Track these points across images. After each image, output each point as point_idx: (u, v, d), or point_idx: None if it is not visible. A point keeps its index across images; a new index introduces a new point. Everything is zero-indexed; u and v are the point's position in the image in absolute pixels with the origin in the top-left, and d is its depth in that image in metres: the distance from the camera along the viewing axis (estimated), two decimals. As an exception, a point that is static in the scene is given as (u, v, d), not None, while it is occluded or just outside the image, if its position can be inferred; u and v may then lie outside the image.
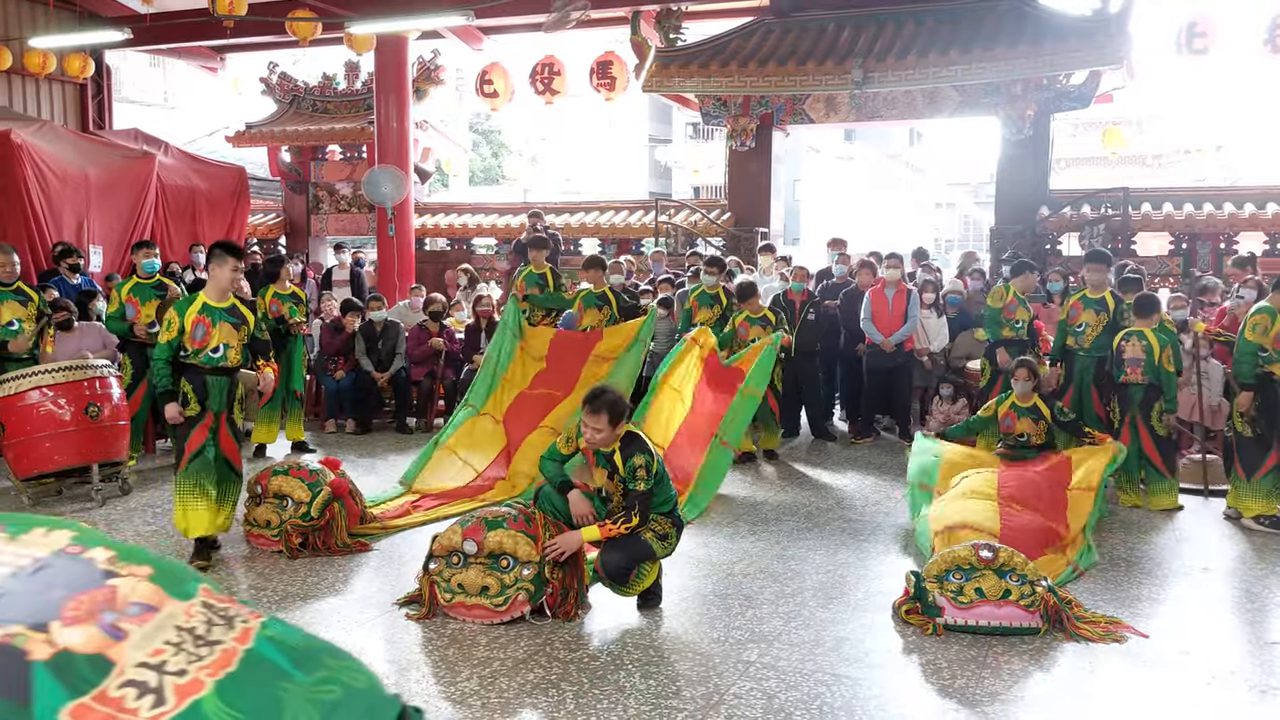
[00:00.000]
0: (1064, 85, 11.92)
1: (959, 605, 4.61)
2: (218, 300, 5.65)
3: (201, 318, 5.56)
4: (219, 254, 5.69)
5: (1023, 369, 7.04)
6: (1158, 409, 7.07)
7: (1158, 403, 7.06)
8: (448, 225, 15.52)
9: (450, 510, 6.58)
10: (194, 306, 5.59)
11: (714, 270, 9.00)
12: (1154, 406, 7.07)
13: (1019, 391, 7.00)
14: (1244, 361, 6.64)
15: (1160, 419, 7.08)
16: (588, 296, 8.66)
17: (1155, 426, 7.08)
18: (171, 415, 5.50)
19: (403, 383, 9.77)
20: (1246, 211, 11.86)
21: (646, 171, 36.50)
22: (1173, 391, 7.06)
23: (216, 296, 5.66)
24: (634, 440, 4.73)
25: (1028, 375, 7.00)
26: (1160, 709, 3.93)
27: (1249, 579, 5.59)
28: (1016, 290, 8.27)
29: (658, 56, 12.48)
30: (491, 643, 4.43)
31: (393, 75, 13.29)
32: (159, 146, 12.69)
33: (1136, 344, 7.05)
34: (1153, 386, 7.05)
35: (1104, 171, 30.46)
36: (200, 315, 5.57)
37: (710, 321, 8.98)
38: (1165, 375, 6.99)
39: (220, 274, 5.64)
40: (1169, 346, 7.05)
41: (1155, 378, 7.02)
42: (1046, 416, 6.98)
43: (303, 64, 19.53)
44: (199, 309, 5.58)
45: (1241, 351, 6.66)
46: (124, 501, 6.96)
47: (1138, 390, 7.09)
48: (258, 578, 5.36)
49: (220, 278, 5.65)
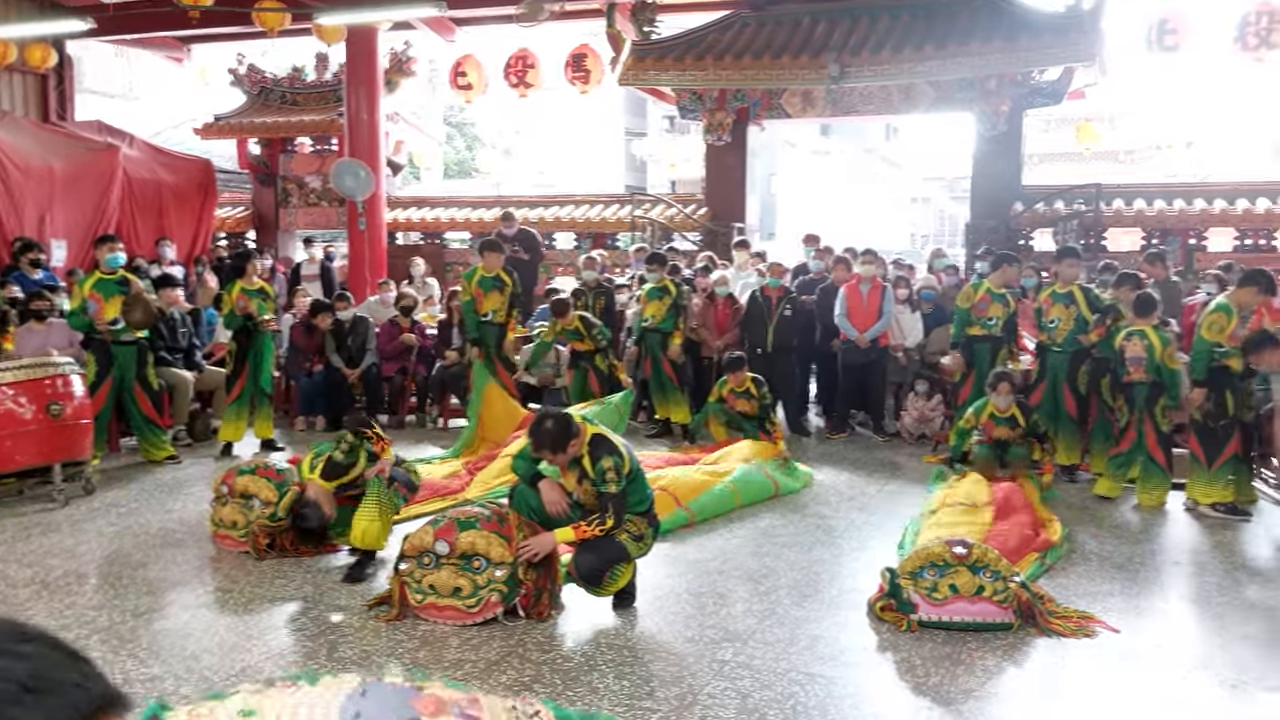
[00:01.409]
0: (1037, 81, 11.93)
1: (933, 602, 4.58)
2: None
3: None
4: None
5: (1003, 383, 7.23)
6: (1161, 405, 7.07)
7: (1161, 399, 7.07)
8: (420, 219, 15.36)
9: (423, 509, 6.49)
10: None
11: (655, 267, 9.23)
12: (1158, 403, 7.08)
13: (999, 404, 7.20)
14: (1199, 359, 6.70)
15: (1164, 414, 7.09)
16: (483, 280, 8.83)
17: (1160, 423, 7.09)
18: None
19: (374, 379, 9.67)
20: (1216, 207, 11.93)
21: (622, 165, 36.36)
22: (1176, 389, 7.05)
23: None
24: (602, 443, 4.66)
25: (1009, 389, 7.21)
26: (1133, 704, 3.92)
27: (1219, 572, 5.61)
28: (993, 285, 8.26)
29: (633, 50, 12.40)
30: (463, 644, 4.36)
31: (363, 67, 13.13)
32: (124, 138, 12.52)
33: (1138, 343, 7.06)
34: (1156, 384, 7.06)
35: (1077, 167, 30.66)
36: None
37: (660, 314, 9.00)
38: (1168, 372, 6.99)
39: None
40: (1170, 344, 7.07)
41: (1158, 375, 7.03)
42: (1023, 425, 7.20)
43: (271, 55, 19.28)
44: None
45: (1197, 350, 6.74)
46: (87, 501, 6.82)
47: (1142, 388, 7.11)
48: (224, 579, 5.26)
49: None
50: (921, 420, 9.20)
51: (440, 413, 9.87)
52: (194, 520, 6.32)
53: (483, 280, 8.87)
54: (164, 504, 6.79)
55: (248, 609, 4.82)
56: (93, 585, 5.14)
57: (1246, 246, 11.77)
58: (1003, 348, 8.14)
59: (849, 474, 7.99)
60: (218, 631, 4.51)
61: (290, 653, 4.26)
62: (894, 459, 8.57)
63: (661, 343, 9.13)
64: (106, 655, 4.19)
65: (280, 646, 4.34)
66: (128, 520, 6.36)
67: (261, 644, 4.36)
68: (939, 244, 32.59)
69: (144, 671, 4.03)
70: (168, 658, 4.18)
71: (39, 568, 5.36)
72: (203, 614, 4.75)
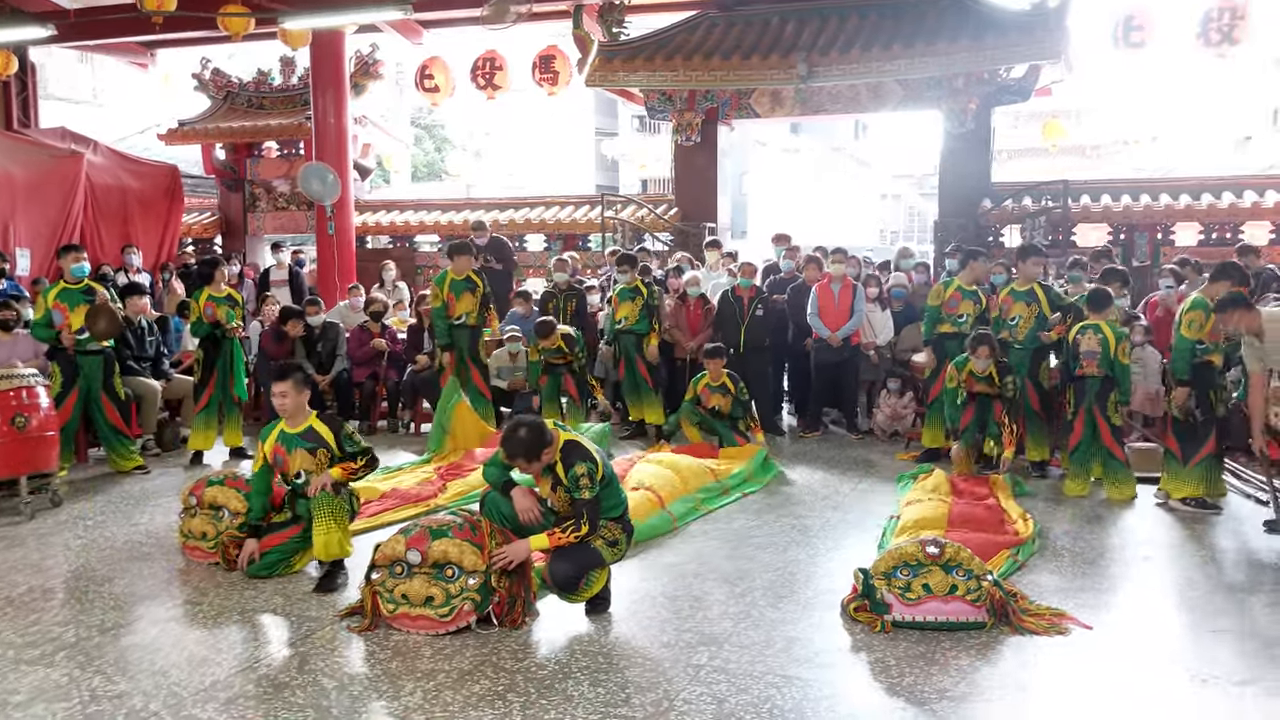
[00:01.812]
0: (1004, 79, 12.02)
1: (906, 602, 4.59)
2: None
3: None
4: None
5: (982, 346, 7.46)
6: (1113, 400, 7.14)
7: (1113, 394, 7.14)
8: (389, 223, 15.28)
9: (396, 516, 6.45)
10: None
11: (626, 269, 9.27)
12: (1109, 398, 7.14)
13: (978, 366, 7.49)
14: (1181, 358, 6.73)
15: (1115, 409, 7.15)
16: (454, 283, 8.83)
17: (1111, 417, 7.15)
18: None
19: (345, 384, 9.59)
20: (1182, 203, 12.06)
21: (593, 165, 36.30)
22: (1127, 383, 7.17)
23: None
24: (575, 449, 4.64)
25: (988, 353, 7.46)
26: (1104, 700, 3.94)
27: (1189, 566, 5.66)
28: (963, 283, 8.30)
29: (600, 51, 12.38)
30: (436, 654, 4.33)
31: (329, 70, 13.04)
32: (88, 145, 12.37)
33: (1092, 337, 7.12)
34: (1108, 379, 7.12)
35: (1045, 163, 30.91)
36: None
37: (633, 315, 9.00)
38: (1120, 367, 7.07)
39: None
40: (1125, 340, 7.13)
41: (1110, 370, 7.10)
42: (997, 384, 7.55)
43: (238, 58, 19.11)
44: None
45: (1178, 348, 6.76)
46: (54, 514, 6.72)
47: (1094, 382, 7.16)
48: (194, 592, 5.19)
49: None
50: (894, 418, 9.24)
51: (412, 418, 9.80)
52: (162, 532, 6.24)
53: (454, 284, 8.84)
54: (132, 516, 6.70)
55: (217, 622, 4.76)
56: (59, 600, 5.06)
57: (1212, 241, 11.90)
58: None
59: (823, 473, 8.01)
60: (186, 646, 4.45)
61: (261, 666, 4.21)
62: (867, 457, 8.60)
63: (636, 344, 9.13)
64: (73, 672, 4.13)
65: (251, 659, 4.28)
66: (95, 533, 6.27)
67: (231, 657, 4.30)
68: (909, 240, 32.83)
69: (111, 688, 3.97)
70: (135, 673, 4.12)
71: (3, 583, 5.27)
72: (171, 628, 4.68)
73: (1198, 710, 3.90)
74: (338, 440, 5.30)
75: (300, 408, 5.35)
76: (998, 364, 7.53)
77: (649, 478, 6.74)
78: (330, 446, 5.30)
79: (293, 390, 5.29)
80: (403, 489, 7.07)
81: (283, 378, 5.31)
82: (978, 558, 4.82)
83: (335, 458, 5.29)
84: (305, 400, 5.38)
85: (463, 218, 14.86)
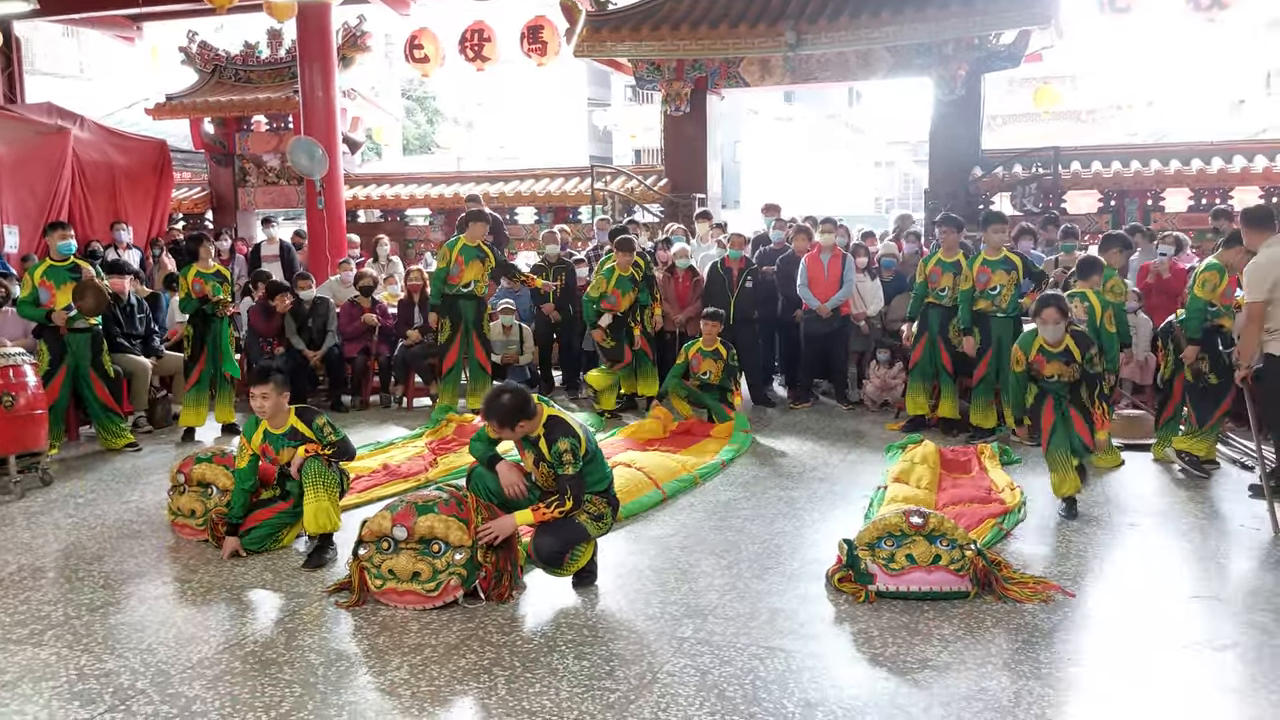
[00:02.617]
0: (994, 45, 11.96)
1: (890, 572, 4.63)
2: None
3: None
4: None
5: (1048, 308, 6.03)
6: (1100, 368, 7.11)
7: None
8: (380, 196, 15.22)
9: (385, 491, 6.47)
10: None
11: (623, 253, 8.97)
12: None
13: (1049, 336, 6.07)
14: (1194, 317, 6.75)
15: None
16: (465, 248, 8.71)
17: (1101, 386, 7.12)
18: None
19: (336, 360, 9.59)
20: (1172, 168, 12.04)
21: (586, 135, 36.13)
22: (1114, 352, 7.08)
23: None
24: (558, 425, 4.66)
25: (1057, 315, 6.01)
26: (1088, 667, 3.98)
27: (1174, 534, 5.70)
28: (943, 256, 8.24)
29: (588, 21, 12.29)
30: (423, 629, 4.36)
31: (316, 43, 12.91)
32: (74, 120, 12.25)
33: (1079, 305, 7.10)
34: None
35: (1039, 128, 30.81)
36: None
37: (629, 305, 8.94)
38: (1106, 336, 6.96)
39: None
40: (1111, 308, 7.10)
41: (1097, 337, 7.05)
42: (1078, 359, 6.13)
43: (226, 31, 18.95)
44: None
45: (1191, 308, 6.77)
46: (44, 493, 6.74)
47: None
48: (183, 569, 5.22)
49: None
50: (884, 388, 9.25)
51: (404, 392, 9.82)
52: (152, 510, 6.26)
53: (465, 249, 8.72)
54: (122, 494, 6.72)
55: (206, 599, 4.79)
56: (49, 580, 5.09)
57: (1202, 206, 11.89)
58: (955, 315, 8.14)
59: (812, 444, 8.04)
60: (175, 623, 4.48)
61: (248, 643, 4.24)
62: (857, 427, 8.63)
63: (639, 316, 9.10)
64: (61, 651, 4.15)
65: (238, 636, 4.31)
66: (85, 512, 6.29)
67: (219, 634, 4.33)
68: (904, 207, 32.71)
69: (99, 667, 4.00)
70: (124, 651, 4.15)
71: (-7, 563, 5.30)
72: (160, 605, 4.71)
73: (1180, 675, 3.94)
74: (315, 434, 5.31)
75: (280, 408, 5.33)
76: (1074, 335, 6.11)
77: (641, 459, 6.80)
78: (313, 440, 5.32)
79: (273, 392, 5.27)
80: (394, 464, 7.09)
81: (263, 380, 5.28)
82: (961, 527, 4.85)
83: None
84: (285, 401, 5.35)
85: (453, 191, 14.82)
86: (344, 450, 5.40)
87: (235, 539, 5.33)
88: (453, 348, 8.81)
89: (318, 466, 5.21)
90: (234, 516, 5.36)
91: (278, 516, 5.43)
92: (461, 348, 8.81)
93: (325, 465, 5.24)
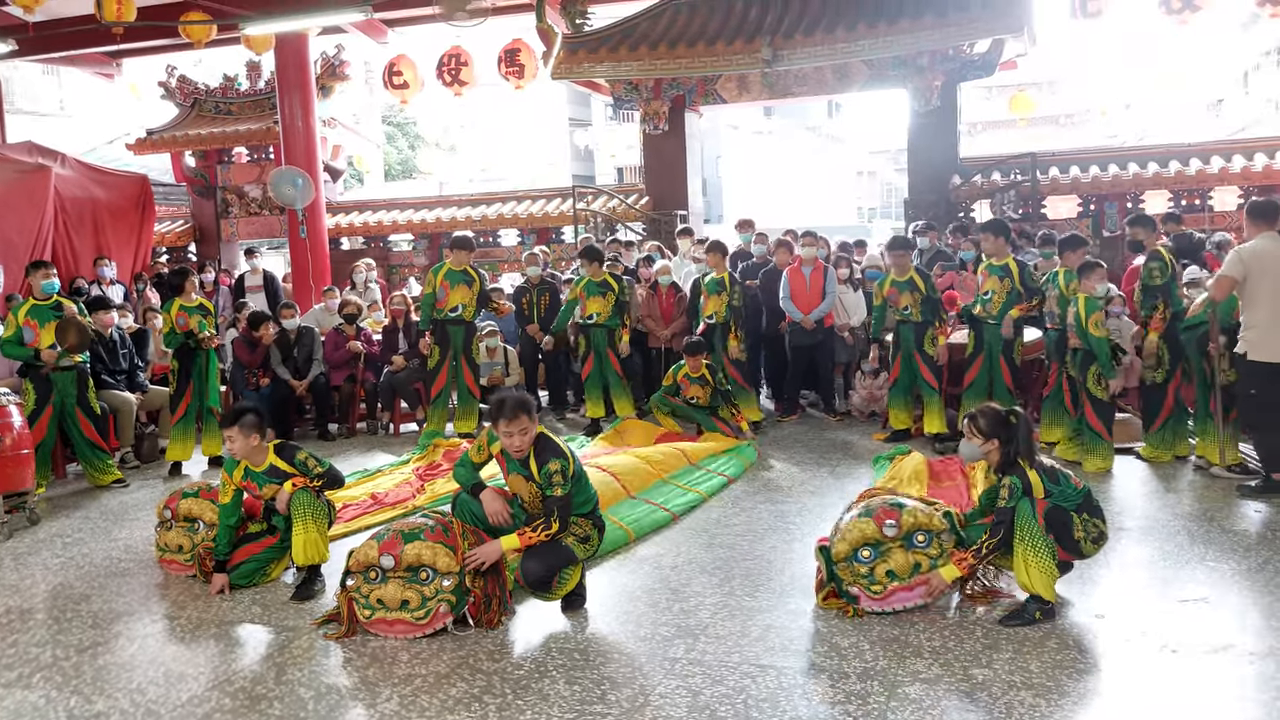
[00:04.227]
0: (969, 54, 12.07)
1: (873, 595, 4.59)
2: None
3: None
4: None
5: (1096, 270, 7.04)
6: (1093, 372, 7.12)
7: (1092, 366, 7.12)
8: (362, 223, 15.24)
9: (373, 520, 6.46)
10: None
11: (587, 263, 9.09)
12: (1089, 370, 7.15)
13: (1099, 290, 7.08)
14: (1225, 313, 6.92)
15: (1098, 383, 7.12)
16: (450, 273, 8.73)
17: (1092, 390, 7.14)
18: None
19: (322, 388, 9.58)
20: (1150, 171, 12.13)
21: (568, 155, 36.23)
22: (1104, 357, 7.03)
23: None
24: (547, 445, 4.66)
25: (1101, 275, 7.08)
26: (1076, 672, 3.99)
27: (1162, 537, 5.71)
28: (894, 276, 8.30)
29: (565, 43, 12.35)
30: (413, 659, 4.35)
31: (295, 74, 12.96)
32: (55, 158, 12.22)
33: (1070, 310, 7.17)
34: (1087, 352, 7.14)
35: (1019, 134, 31.04)
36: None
37: (605, 311, 8.96)
38: (1094, 340, 6.98)
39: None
40: (1097, 311, 7.10)
41: (1086, 342, 7.09)
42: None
43: (205, 64, 18.97)
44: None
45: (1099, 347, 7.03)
46: (32, 533, 6.71)
47: (1077, 354, 7.21)
48: (171, 606, 5.20)
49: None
50: (871, 399, 9.28)
51: (391, 419, 9.80)
52: (140, 547, 6.24)
53: (450, 274, 8.73)
54: (110, 531, 6.70)
55: (194, 636, 4.77)
56: (38, 621, 5.06)
57: (1182, 208, 11.97)
58: (928, 329, 8.19)
59: (801, 456, 8.05)
60: (164, 662, 4.46)
61: (238, 679, 4.22)
62: (846, 438, 8.65)
63: (607, 338, 9.09)
64: (50, 693, 4.13)
65: (228, 673, 4.29)
66: (73, 551, 6.26)
67: (209, 671, 4.31)
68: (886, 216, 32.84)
69: (88, 709, 3.98)
70: (113, 692, 4.13)
71: (-20, 607, 5.27)
72: (149, 644, 4.69)
73: (1172, 680, 3.95)
74: (299, 469, 5.29)
75: (257, 449, 5.29)
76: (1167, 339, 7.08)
77: (614, 465, 6.82)
78: (298, 475, 5.30)
79: (239, 435, 5.19)
80: (381, 493, 7.08)
81: (230, 424, 5.22)
82: (929, 508, 4.78)
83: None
84: (257, 440, 5.28)
85: (435, 216, 14.85)
86: (333, 480, 5.39)
87: (223, 575, 5.31)
88: (441, 372, 8.82)
89: (307, 498, 5.19)
90: (220, 553, 5.34)
91: (265, 551, 5.41)
92: (450, 372, 8.82)
93: (314, 496, 5.24)
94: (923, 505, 4.78)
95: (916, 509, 4.71)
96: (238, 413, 5.29)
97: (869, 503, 4.85)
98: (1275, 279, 6.27)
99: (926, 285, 8.19)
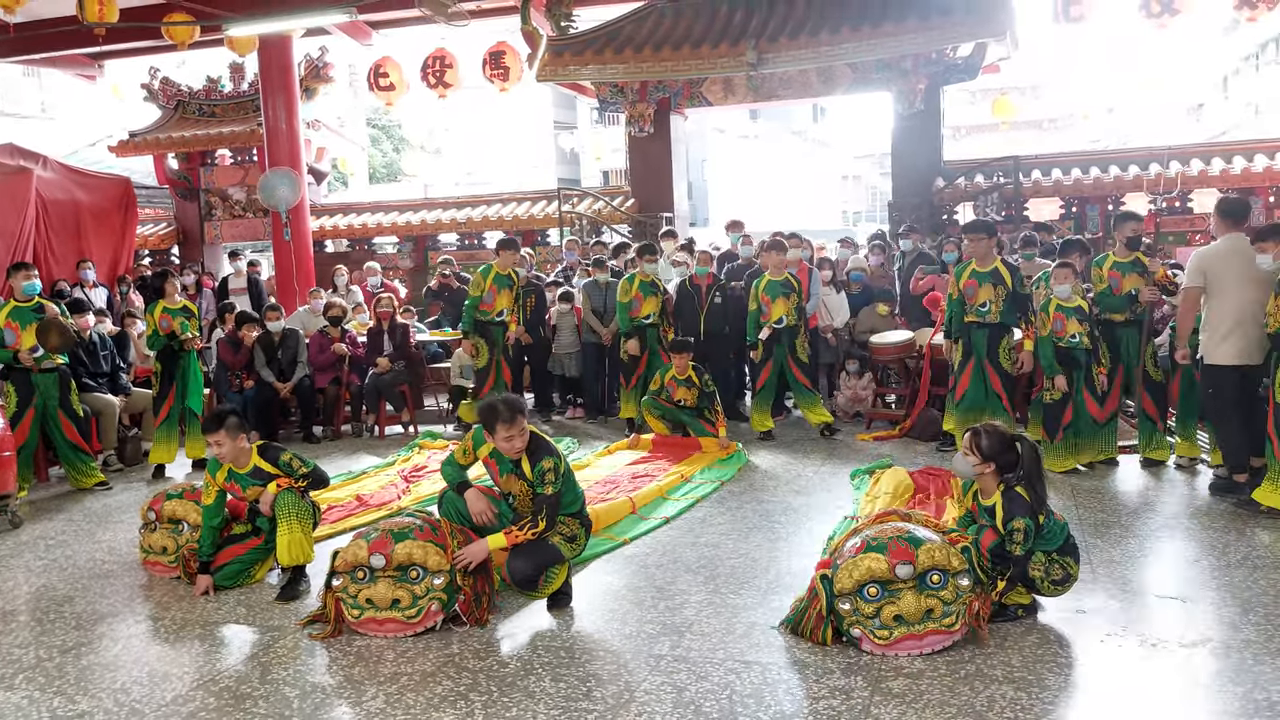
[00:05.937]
0: (952, 58, 12.14)
1: (878, 641, 4.16)
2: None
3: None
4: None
5: (1063, 269, 7.23)
6: (1150, 352, 7.27)
7: (1149, 346, 7.29)
8: (347, 226, 15.22)
9: (355, 522, 6.45)
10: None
11: (650, 258, 9.19)
12: (1147, 351, 7.27)
13: (1061, 294, 7.21)
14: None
15: (1155, 364, 7.26)
16: (498, 277, 8.93)
17: (1150, 372, 7.24)
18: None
19: (307, 391, 9.56)
20: (1131, 173, 12.23)
21: (553, 158, 36.25)
22: (1045, 359, 7.24)
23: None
24: (540, 443, 4.68)
25: (1068, 275, 7.20)
26: (1057, 666, 4.02)
27: (1144, 533, 5.77)
28: (976, 266, 7.52)
29: (550, 46, 12.36)
30: (399, 657, 4.35)
31: (278, 76, 12.93)
32: (37, 160, 12.17)
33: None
34: (1087, 351, 7.22)
35: (1002, 137, 31.19)
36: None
37: (656, 311, 9.04)
38: (1040, 341, 7.26)
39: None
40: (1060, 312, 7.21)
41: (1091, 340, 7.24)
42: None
43: (188, 66, 18.91)
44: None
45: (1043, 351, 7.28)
46: (14, 536, 6.67)
47: (1078, 354, 7.27)
48: (155, 607, 5.18)
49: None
50: (855, 399, 9.32)
51: (375, 421, 9.80)
52: (124, 549, 6.22)
53: (498, 278, 8.91)
54: (93, 534, 6.67)
55: (179, 636, 4.75)
56: (20, 623, 5.04)
57: (1162, 210, 12.08)
58: (1004, 335, 7.55)
59: (785, 457, 8.09)
60: (148, 662, 4.44)
61: (222, 678, 4.22)
62: (829, 439, 8.68)
63: (658, 337, 9.12)
64: (33, 694, 4.12)
65: (212, 672, 4.29)
66: (56, 553, 6.23)
67: (193, 671, 4.30)
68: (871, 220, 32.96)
69: (71, 709, 3.97)
70: (96, 692, 4.11)
71: (-37, 609, 5.24)
72: (133, 644, 4.68)
73: (1151, 674, 3.99)
74: (283, 470, 5.29)
75: (242, 452, 5.29)
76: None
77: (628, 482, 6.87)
78: (282, 476, 5.29)
79: (226, 439, 5.19)
80: (366, 494, 7.08)
81: (214, 428, 5.20)
82: (946, 544, 4.32)
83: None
84: (243, 442, 5.29)
85: (420, 218, 14.84)
86: (317, 480, 5.38)
87: (207, 577, 5.30)
88: (490, 371, 8.99)
89: (291, 499, 5.19)
90: (204, 554, 5.33)
91: (250, 553, 5.40)
92: (496, 371, 8.97)
93: (299, 497, 5.23)
94: (939, 540, 4.32)
95: (934, 547, 4.22)
96: (219, 416, 5.26)
97: (880, 530, 4.36)
98: (1237, 281, 6.20)
99: (1014, 279, 7.32)
